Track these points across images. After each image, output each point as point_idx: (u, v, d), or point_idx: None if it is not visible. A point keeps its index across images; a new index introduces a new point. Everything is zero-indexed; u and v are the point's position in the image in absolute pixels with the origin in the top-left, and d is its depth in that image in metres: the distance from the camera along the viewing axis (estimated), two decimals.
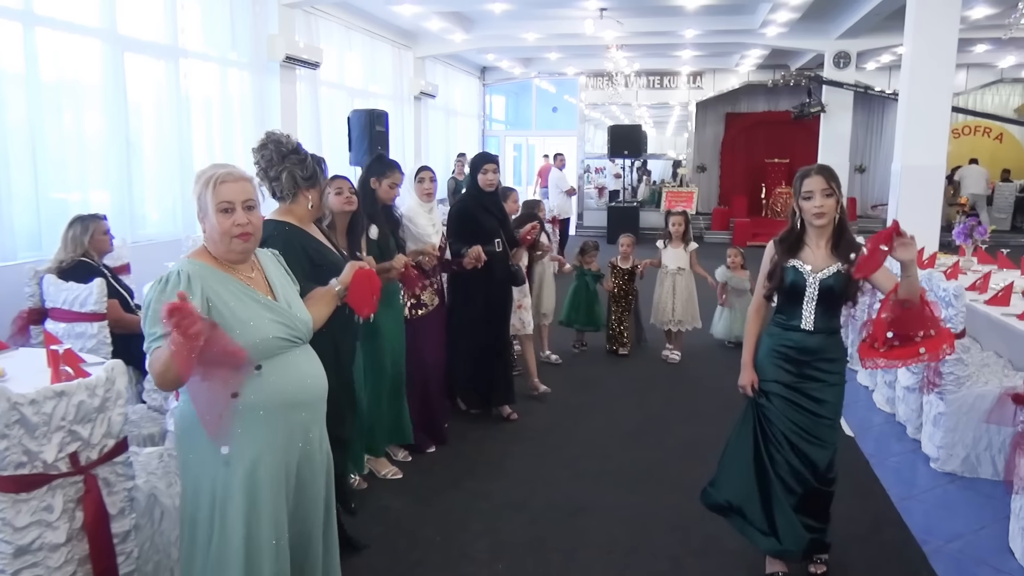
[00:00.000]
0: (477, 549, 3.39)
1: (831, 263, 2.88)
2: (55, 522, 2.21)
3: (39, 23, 5.57)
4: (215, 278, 2.18)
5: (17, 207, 5.43)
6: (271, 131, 3.00)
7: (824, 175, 2.89)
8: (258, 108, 8.38)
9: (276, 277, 2.36)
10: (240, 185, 2.21)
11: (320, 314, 2.47)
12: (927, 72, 7.51)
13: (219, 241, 2.20)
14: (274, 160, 2.90)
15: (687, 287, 6.46)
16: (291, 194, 2.95)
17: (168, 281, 2.12)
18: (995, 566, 3.29)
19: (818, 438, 2.96)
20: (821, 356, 2.94)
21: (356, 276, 2.55)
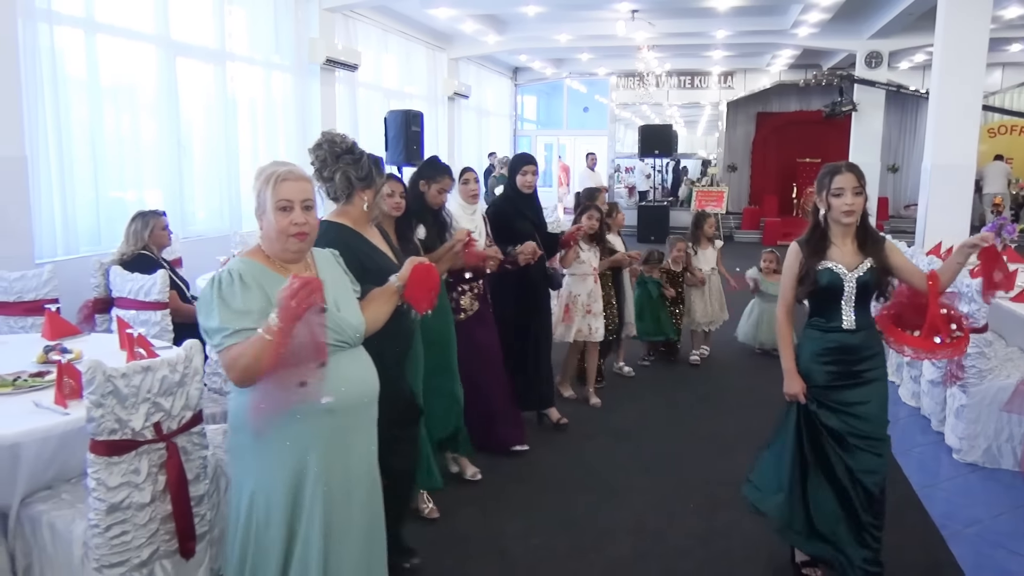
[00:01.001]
0: (514, 527, 3.60)
1: (861, 260, 2.87)
2: (141, 483, 2.46)
3: (99, 30, 5.91)
4: (266, 278, 2.16)
5: (80, 205, 5.77)
6: (327, 131, 2.94)
7: (854, 172, 2.87)
8: (299, 109, 8.69)
9: (330, 278, 2.30)
10: (300, 184, 2.20)
11: (378, 313, 2.44)
12: (957, 72, 7.55)
13: (275, 239, 2.18)
14: (328, 160, 2.83)
15: (718, 287, 6.48)
16: (345, 195, 2.87)
17: (221, 280, 2.11)
18: (1011, 549, 3.43)
19: (872, 438, 2.91)
20: (863, 354, 2.91)
21: (415, 271, 2.48)
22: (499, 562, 3.30)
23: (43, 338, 3.67)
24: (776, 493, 3.05)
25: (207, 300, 2.11)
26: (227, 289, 2.10)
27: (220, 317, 2.07)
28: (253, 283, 2.13)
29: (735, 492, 3.46)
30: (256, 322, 2.05)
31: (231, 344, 2.06)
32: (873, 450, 2.90)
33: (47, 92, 5.37)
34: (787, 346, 3.03)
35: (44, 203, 5.43)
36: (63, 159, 5.55)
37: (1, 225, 4.96)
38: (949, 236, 7.14)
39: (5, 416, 2.60)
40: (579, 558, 3.33)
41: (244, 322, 2.07)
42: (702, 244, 6.45)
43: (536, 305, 4.77)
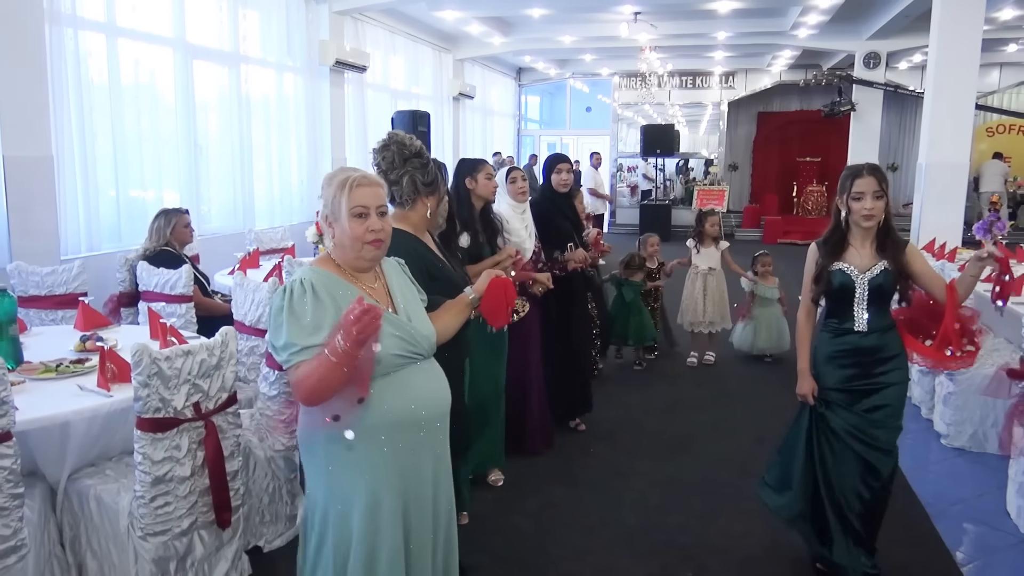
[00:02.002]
0: (526, 507, 3.80)
1: (876, 262, 2.85)
2: (182, 458, 2.67)
3: (120, 34, 6.12)
4: (338, 287, 2.10)
5: (102, 204, 5.99)
6: (395, 132, 2.88)
7: (876, 176, 2.83)
8: (310, 110, 8.91)
9: (399, 288, 2.27)
10: (374, 190, 2.14)
11: (449, 325, 2.41)
12: (952, 72, 7.74)
13: (349, 247, 2.11)
14: (396, 163, 2.77)
15: (719, 287, 6.32)
16: (410, 200, 2.81)
17: (293, 290, 2.04)
18: (992, 525, 3.63)
19: (882, 444, 2.90)
20: (879, 356, 2.88)
21: (492, 285, 2.42)
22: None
23: (76, 329, 3.88)
24: (785, 492, 3.10)
25: (277, 312, 2.03)
26: (298, 301, 2.02)
27: (288, 332, 2.00)
28: (325, 294, 2.05)
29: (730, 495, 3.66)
30: (313, 336, 1.99)
31: (299, 361, 1.99)
32: (876, 460, 2.90)
33: (72, 94, 5.59)
34: (804, 347, 3.04)
35: (69, 202, 5.65)
36: (87, 159, 5.77)
37: (30, 223, 5.18)
38: (943, 233, 7.35)
39: (53, 398, 2.81)
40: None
41: (314, 338, 1.98)
42: (705, 243, 6.33)
43: (580, 311, 4.81)
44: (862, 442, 2.89)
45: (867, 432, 2.89)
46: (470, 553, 3.28)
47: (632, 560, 3.30)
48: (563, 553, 3.35)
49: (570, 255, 4.42)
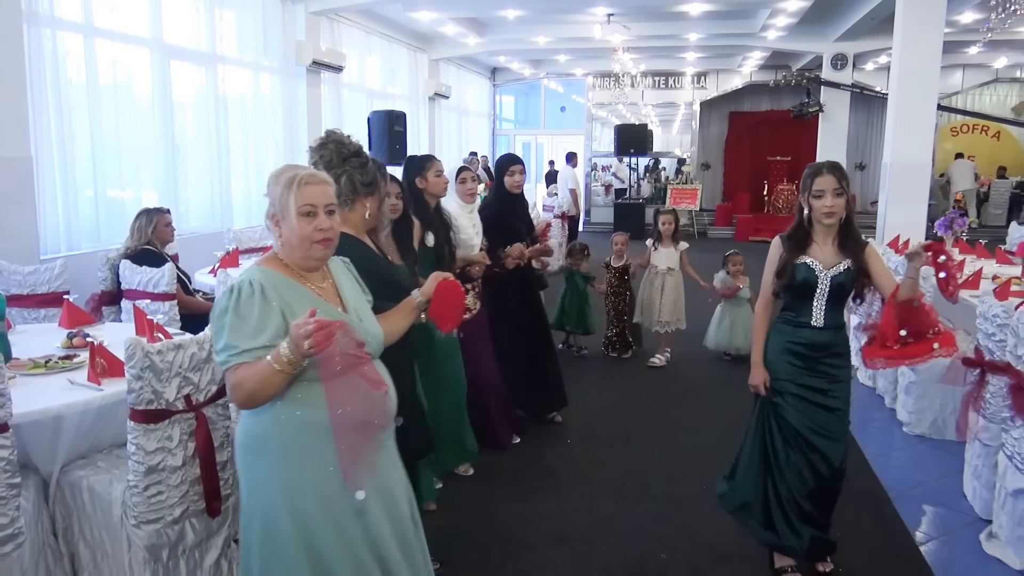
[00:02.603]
0: (505, 497, 3.92)
1: (840, 259, 2.90)
2: (174, 449, 2.75)
3: (98, 35, 6.14)
4: (287, 288, 2.07)
5: (81, 204, 6.01)
6: (332, 130, 2.81)
7: (835, 174, 2.87)
8: (287, 110, 8.95)
9: (347, 287, 2.25)
10: (323, 188, 2.10)
11: (396, 327, 2.39)
12: (914, 74, 7.98)
13: (297, 246, 2.08)
14: (334, 162, 2.66)
15: (676, 287, 6.26)
16: (348, 200, 2.68)
17: (241, 291, 2.00)
18: (950, 506, 3.83)
19: (832, 433, 2.97)
20: (831, 351, 2.95)
21: (440, 287, 2.41)
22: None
23: (60, 326, 3.94)
24: (730, 481, 3.18)
25: (222, 310, 2.00)
26: (245, 303, 1.99)
27: (230, 334, 1.97)
28: (274, 295, 2.02)
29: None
30: (270, 340, 1.96)
31: (237, 364, 1.96)
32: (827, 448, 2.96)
33: (50, 95, 5.61)
34: (759, 338, 3.07)
35: (48, 202, 5.66)
36: (65, 159, 5.79)
37: (9, 223, 5.20)
38: (907, 230, 7.58)
39: (44, 392, 2.87)
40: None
41: (257, 341, 1.96)
42: (664, 242, 6.27)
43: (539, 306, 4.91)
44: (814, 431, 2.95)
45: (820, 423, 2.95)
46: (449, 542, 3.41)
47: (609, 545, 3.44)
48: (543, 539, 3.48)
49: (507, 251, 4.42)
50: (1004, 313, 3.46)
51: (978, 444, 3.74)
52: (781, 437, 3.01)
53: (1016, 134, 16.87)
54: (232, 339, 1.97)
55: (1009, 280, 5.04)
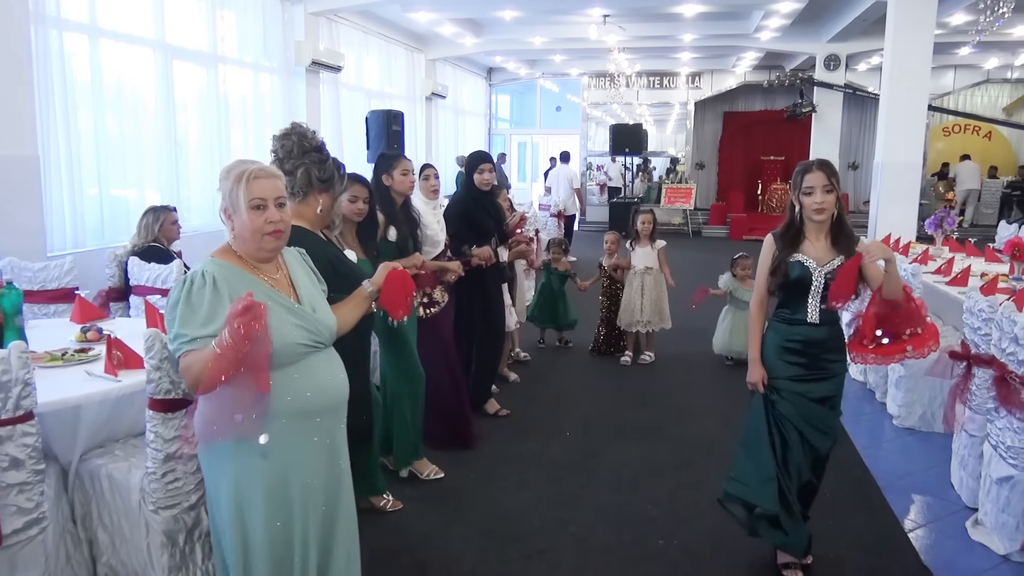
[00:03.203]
0: (507, 486, 4.04)
1: (833, 256, 2.92)
2: (191, 437, 2.85)
3: (102, 35, 6.23)
4: (240, 279, 2.12)
5: (87, 203, 6.10)
6: (297, 122, 2.89)
7: (825, 171, 2.90)
8: (286, 109, 9.05)
9: (301, 278, 2.30)
10: (272, 182, 2.16)
11: (349, 317, 2.45)
12: (905, 75, 8.14)
13: (249, 239, 2.14)
14: (294, 153, 2.75)
15: (655, 286, 6.22)
16: (302, 192, 2.77)
17: (193, 282, 2.08)
18: (938, 496, 3.95)
19: (826, 428, 3.01)
20: (826, 347, 2.97)
21: (390, 277, 2.49)
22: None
23: (72, 321, 4.03)
24: (767, 482, 3.05)
25: (174, 301, 2.07)
26: (196, 293, 2.07)
27: (180, 323, 2.05)
28: (225, 286, 2.08)
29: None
30: (204, 327, 2.04)
31: (187, 351, 2.04)
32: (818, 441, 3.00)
33: (57, 94, 5.69)
34: (756, 337, 3.09)
35: (55, 200, 5.75)
36: (71, 158, 5.87)
37: (17, 221, 5.28)
38: (898, 228, 7.74)
39: (63, 384, 2.97)
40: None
41: (206, 330, 2.03)
42: (641, 242, 6.25)
43: (500, 301, 5.01)
44: (810, 425, 2.99)
45: (815, 418, 2.99)
46: (452, 527, 3.53)
47: (607, 530, 3.55)
48: (544, 525, 3.59)
49: (475, 252, 4.55)
50: (989, 308, 3.58)
51: (964, 435, 3.87)
52: (780, 435, 3.02)
53: (1007, 134, 17.06)
54: (182, 328, 2.04)
55: (996, 277, 5.18)
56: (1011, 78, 16.63)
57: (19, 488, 2.59)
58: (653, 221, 6.33)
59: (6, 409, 2.52)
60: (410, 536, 3.48)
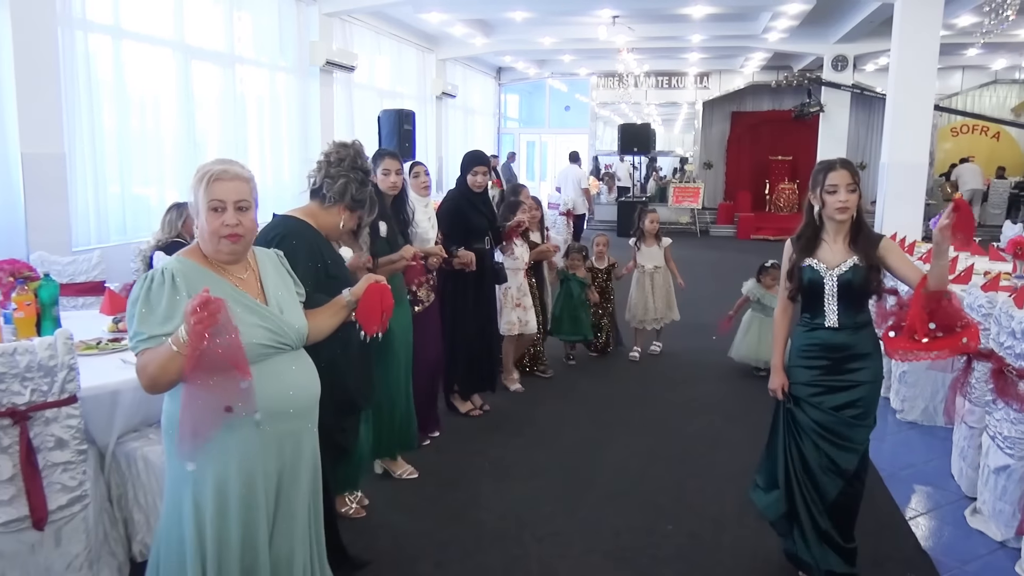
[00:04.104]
0: (519, 474, 4.18)
1: (847, 257, 2.84)
2: None
3: (125, 36, 6.40)
4: (202, 278, 2.09)
5: (110, 200, 6.28)
6: (358, 140, 2.97)
7: (849, 169, 2.84)
8: (301, 109, 9.21)
9: (271, 279, 2.27)
10: (235, 184, 2.11)
11: (324, 324, 2.42)
12: (912, 76, 8.24)
13: (208, 240, 2.12)
14: (345, 163, 2.83)
15: (664, 284, 6.35)
16: (332, 200, 2.82)
17: (153, 279, 2.04)
18: (938, 486, 4.07)
19: (846, 441, 2.88)
20: (850, 352, 2.87)
21: (369, 290, 2.44)
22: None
23: (101, 313, 4.19)
24: (772, 491, 3.08)
25: (134, 299, 2.05)
26: (156, 291, 2.04)
27: (139, 321, 2.03)
28: (184, 285, 2.05)
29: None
30: (162, 326, 2.02)
31: (143, 349, 2.02)
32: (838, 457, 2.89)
33: (82, 94, 5.86)
34: (779, 343, 3.06)
35: (80, 196, 5.92)
36: (96, 156, 6.05)
37: (44, 216, 5.46)
38: (904, 228, 7.83)
39: (100, 370, 3.12)
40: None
41: (163, 328, 2.01)
42: (647, 241, 6.31)
43: (489, 300, 4.97)
44: (827, 440, 2.89)
45: (834, 430, 2.88)
46: (466, 513, 3.67)
47: (616, 516, 3.68)
48: (555, 511, 3.73)
49: (459, 253, 4.53)
50: (988, 304, 3.71)
51: (964, 427, 3.99)
52: (796, 444, 2.97)
53: (1015, 135, 17.10)
54: (140, 326, 2.02)
55: (998, 275, 5.28)
56: (1019, 79, 16.67)
57: (63, 467, 2.75)
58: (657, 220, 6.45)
59: (52, 392, 2.68)
60: (428, 521, 3.62)
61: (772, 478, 3.10)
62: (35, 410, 2.65)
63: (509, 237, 5.09)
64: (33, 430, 2.66)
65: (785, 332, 3.07)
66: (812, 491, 2.94)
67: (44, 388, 2.66)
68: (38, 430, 2.68)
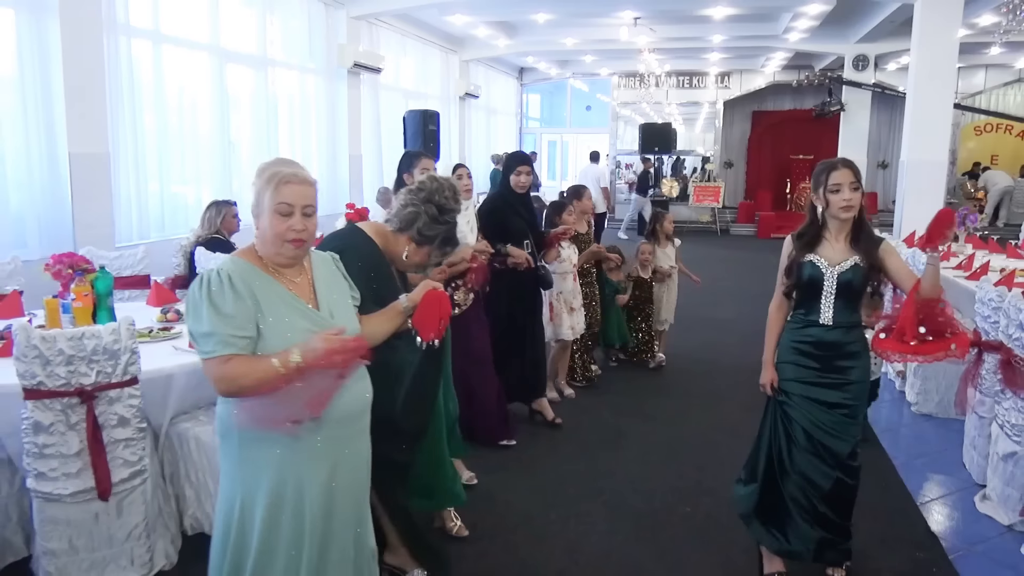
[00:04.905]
0: (544, 464, 4.36)
1: (848, 256, 2.86)
2: None
3: (164, 41, 6.66)
4: (257, 279, 2.07)
5: (150, 198, 6.54)
6: (451, 179, 2.87)
7: (851, 168, 2.86)
8: (329, 109, 9.46)
9: (325, 283, 2.23)
10: (303, 189, 2.08)
11: (381, 330, 2.38)
12: (931, 75, 8.32)
13: (270, 243, 2.08)
14: (421, 196, 2.73)
15: (674, 286, 6.31)
16: (402, 228, 2.75)
17: (211, 281, 2.01)
18: (950, 474, 4.21)
19: (840, 433, 2.93)
20: (842, 351, 2.90)
21: (427, 297, 2.40)
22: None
23: (148, 304, 4.43)
24: (749, 485, 3.13)
25: (196, 302, 2.01)
26: (217, 292, 2.00)
27: (212, 322, 1.98)
28: (243, 287, 2.03)
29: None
30: (239, 328, 1.99)
31: (225, 354, 1.97)
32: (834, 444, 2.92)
33: (125, 96, 6.13)
34: (771, 338, 3.07)
35: (122, 194, 6.18)
36: (137, 156, 6.31)
37: (89, 213, 5.72)
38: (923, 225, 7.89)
39: (155, 356, 3.33)
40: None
41: (239, 331, 1.99)
42: (661, 243, 6.27)
43: (529, 304, 4.78)
44: (821, 429, 2.93)
45: (824, 422, 2.92)
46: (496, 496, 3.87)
47: (638, 499, 3.87)
48: (580, 492, 3.92)
49: (510, 250, 4.39)
50: (998, 297, 3.84)
51: (975, 417, 4.13)
52: (787, 437, 3.00)
53: None
54: (215, 326, 1.98)
55: (1013, 271, 5.39)
56: None
57: (125, 443, 2.98)
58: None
59: (115, 374, 2.91)
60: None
61: (752, 472, 3.16)
62: (100, 390, 2.89)
63: (552, 243, 4.89)
64: (98, 409, 2.90)
65: (778, 328, 3.08)
66: (805, 483, 2.97)
67: (108, 370, 2.89)
68: (103, 409, 2.91)
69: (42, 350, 2.77)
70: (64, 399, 2.84)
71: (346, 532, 2.26)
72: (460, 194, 2.84)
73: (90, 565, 2.99)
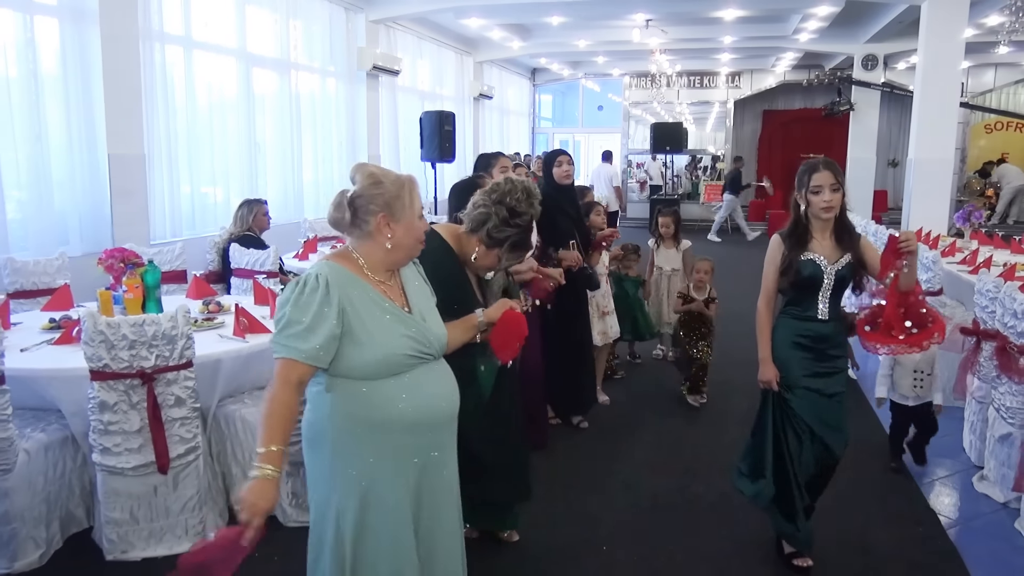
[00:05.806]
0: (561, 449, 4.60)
1: (841, 254, 2.98)
2: None
3: (195, 47, 6.93)
4: (353, 285, 2.09)
5: (182, 198, 6.82)
6: (527, 181, 2.84)
7: (832, 170, 2.94)
8: (349, 111, 9.73)
9: (412, 287, 2.25)
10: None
11: (456, 340, 2.38)
12: (938, 75, 8.51)
13: (411, 246, 2.16)
14: (493, 197, 2.73)
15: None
16: (473, 229, 2.75)
17: (307, 284, 2.03)
18: (950, 458, 4.42)
19: (837, 424, 3.07)
20: (832, 341, 3.04)
21: (504, 317, 2.41)
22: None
23: (188, 297, 4.70)
24: (759, 480, 3.19)
25: (284, 300, 2.05)
26: (308, 296, 2.02)
27: (286, 323, 2.01)
28: (336, 291, 2.03)
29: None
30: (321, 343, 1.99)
31: (285, 357, 2.01)
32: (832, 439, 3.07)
33: (159, 100, 6.40)
34: (765, 335, 3.11)
35: (157, 194, 6.46)
36: (171, 157, 6.59)
37: (127, 212, 6.00)
38: (930, 222, 8.11)
39: (202, 344, 3.57)
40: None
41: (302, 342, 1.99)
42: (665, 243, 6.14)
43: (578, 308, 4.71)
44: (823, 423, 3.04)
45: (827, 414, 3.05)
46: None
47: (653, 478, 4.10)
48: (596, 474, 4.16)
49: (565, 253, 4.36)
50: (994, 288, 4.05)
51: (974, 402, 4.34)
52: (793, 431, 3.08)
53: None
54: (287, 328, 2.01)
55: (1015, 266, 5.59)
56: None
57: (181, 422, 3.23)
58: (675, 223, 6.16)
59: (173, 358, 3.16)
60: None
61: (757, 466, 3.20)
62: (159, 372, 3.15)
63: (598, 246, 4.82)
64: (157, 389, 3.16)
65: (770, 324, 3.12)
66: (807, 472, 3.12)
67: (166, 354, 3.15)
68: (161, 389, 3.17)
69: (108, 335, 3.04)
70: (127, 380, 3.11)
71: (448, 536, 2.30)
72: (535, 197, 2.81)
73: (149, 534, 3.25)
